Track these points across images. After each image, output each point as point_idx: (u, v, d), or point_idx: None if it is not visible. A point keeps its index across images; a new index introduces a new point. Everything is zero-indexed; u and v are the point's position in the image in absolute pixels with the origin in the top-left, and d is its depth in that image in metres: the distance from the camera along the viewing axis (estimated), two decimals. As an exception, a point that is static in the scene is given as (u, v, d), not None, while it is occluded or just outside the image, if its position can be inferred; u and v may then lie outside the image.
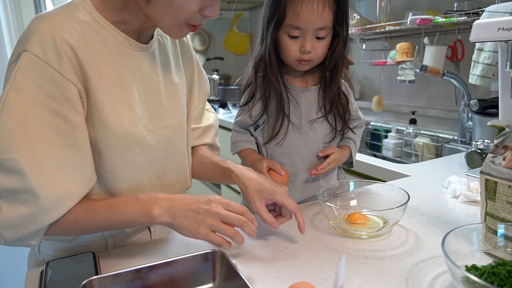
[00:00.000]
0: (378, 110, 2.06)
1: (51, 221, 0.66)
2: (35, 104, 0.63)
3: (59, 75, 0.64)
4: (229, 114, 2.59)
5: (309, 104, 0.97)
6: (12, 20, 2.26)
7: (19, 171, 0.62)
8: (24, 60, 0.62)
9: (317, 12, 0.85)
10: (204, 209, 0.68)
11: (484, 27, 0.97)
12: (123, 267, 0.69)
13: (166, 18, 0.69)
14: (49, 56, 0.63)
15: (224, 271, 0.66)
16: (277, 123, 0.95)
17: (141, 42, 0.76)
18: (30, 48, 0.62)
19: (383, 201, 0.90)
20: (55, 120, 0.64)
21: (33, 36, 0.63)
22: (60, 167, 0.65)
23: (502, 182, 0.69)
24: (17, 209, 0.63)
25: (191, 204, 0.69)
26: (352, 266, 0.70)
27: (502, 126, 0.75)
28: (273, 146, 0.97)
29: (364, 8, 2.19)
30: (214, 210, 0.68)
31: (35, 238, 0.67)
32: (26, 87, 0.62)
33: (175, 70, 0.85)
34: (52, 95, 0.64)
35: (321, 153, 0.96)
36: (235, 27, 3.35)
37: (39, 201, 0.63)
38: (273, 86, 0.94)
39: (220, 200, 0.70)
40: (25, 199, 0.63)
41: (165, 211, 0.69)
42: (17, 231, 0.64)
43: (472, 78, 1.42)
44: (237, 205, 0.71)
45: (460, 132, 1.64)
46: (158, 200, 0.69)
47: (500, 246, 0.67)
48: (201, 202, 0.69)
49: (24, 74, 0.62)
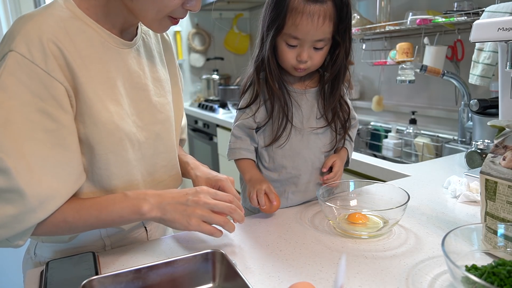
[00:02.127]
0: (378, 110, 2.06)
1: (38, 221, 0.65)
2: (21, 103, 0.62)
3: (45, 74, 0.64)
4: (229, 114, 2.59)
5: (309, 106, 0.97)
6: (12, 20, 2.26)
7: (5, 171, 0.61)
8: (10, 60, 0.62)
9: (317, 24, 0.84)
10: (193, 201, 0.70)
11: (484, 27, 0.97)
12: (123, 267, 0.69)
13: (149, 11, 0.69)
14: (35, 55, 0.63)
15: (224, 271, 0.66)
16: (280, 127, 0.94)
17: (125, 39, 0.76)
18: (16, 48, 0.62)
19: (383, 201, 0.90)
20: (42, 119, 0.64)
21: (18, 35, 0.63)
22: (47, 166, 0.65)
23: (502, 182, 0.69)
24: (4, 208, 0.62)
25: (180, 197, 0.71)
26: (352, 266, 0.70)
27: (502, 126, 0.75)
28: (275, 149, 0.97)
29: (364, 8, 2.19)
30: (202, 201, 0.70)
31: (22, 238, 0.67)
32: (12, 86, 0.62)
33: (160, 67, 0.86)
34: (38, 94, 0.64)
35: (324, 169, 0.97)
36: (235, 27, 3.35)
37: (26, 201, 0.63)
38: (276, 91, 0.93)
39: (207, 190, 0.72)
40: (12, 198, 0.62)
41: (155, 207, 0.70)
42: (4, 231, 0.64)
43: (472, 78, 1.42)
44: (224, 194, 0.74)
45: (460, 132, 1.64)
46: (147, 196, 0.70)
47: (500, 246, 0.67)
48: (189, 194, 0.71)
49: (10, 73, 0.62)
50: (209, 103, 2.88)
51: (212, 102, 2.94)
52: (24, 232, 0.66)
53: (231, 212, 0.72)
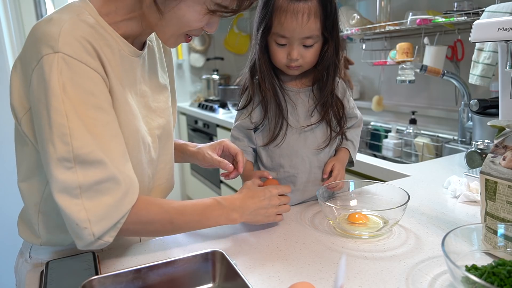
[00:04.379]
0: (378, 110, 2.06)
1: (132, 204, 0.68)
2: (79, 103, 0.64)
3: (92, 71, 0.66)
4: (229, 114, 2.59)
5: (305, 105, 0.97)
6: (12, 20, 2.26)
7: (100, 161, 0.64)
8: (59, 62, 0.63)
9: (302, 22, 0.85)
10: (270, 204, 0.84)
11: (484, 27, 0.97)
12: (123, 267, 0.69)
13: (171, 28, 0.72)
14: (80, 55, 0.64)
15: (224, 271, 0.66)
16: (276, 126, 0.95)
17: (135, 47, 0.77)
18: (62, 49, 0.63)
19: (383, 201, 0.90)
20: (98, 115, 0.66)
21: (60, 37, 0.63)
22: (117, 155, 0.68)
23: (502, 182, 0.69)
24: (102, 200, 0.65)
25: (260, 202, 0.83)
26: (352, 266, 0.70)
27: (502, 126, 0.75)
28: (273, 148, 0.98)
29: (364, 8, 2.19)
30: (274, 203, 0.85)
31: (111, 234, 0.68)
32: (67, 87, 0.63)
33: (161, 74, 0.88)
34: (91, 91, 0.65)
35: (325, 175, 0.98)
36: (235, 27, 3.35)
37: (121, 186, 0.66)
38: (269, 91, 0.94)
39: (276, 192, 0.86)
40: (108, 187, 0.65)
41: (243, 215, 0.81)
42: (105, 223, 0.65)
43: (472, 78, 1.42)
44: (282, 189, 0.87)
45: (460, 132, 1.64)
46: (235, 206, 0.81)
47: (500, 246, 0.67)
48: (267, 199, 0.84)
49: (63, 74, 0.63)
50: (209, 103, 2.88)
51: (212, 102, 2.94)
52: (117, 224, 0.67)
53: (287, 201, 0.88)
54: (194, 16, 0.69)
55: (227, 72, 3.39)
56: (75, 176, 0.63)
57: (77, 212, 0.63)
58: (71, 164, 0.63)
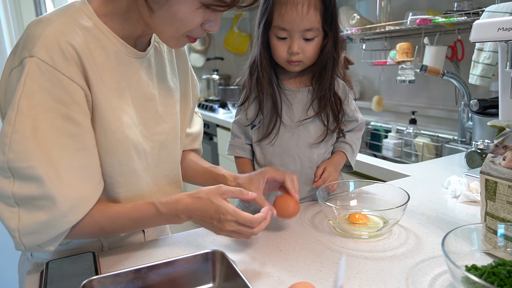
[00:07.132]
0: (378, 110, 2.06)
1: (70, 225, 0.67)
2: (46, 110, 0.63)
3: (67, 79, 0.64)
4: (229, 114, 2.59)
5: (302, 104, 0.97)
6: (12, 20, 2.26)
7: (38, 178, 0.62)
8: (31, 66, 0.62)
9: (302, 13, 0.85)
10: (218, 226, 0.71)
11: (484, 27, 0.97)
12: (123, 267, 0.69)
13: (167, 29, 0.70)
14: (56, 61, 0.63)
15: (224, 271, 0.66)
16: (270, 123, 0.96)
17: (137, 48, 0.76)
18: (37, 54, 0.62)
19: (383, 201, 0.90)
20: (66, 125, 0.65)
21: (39, 41, 0.63)
22: (74, 171, 0.66)
23: (502, 182, 0.69)
24: (36, 215, 0.64)
25: (206, 218, 0.72)
26: (352, 266, 0.70)
27: (502, 126, 0.75)
28: (266, 145, 0.98)
29: (364, 8, 2.19)
30: (227, 228, 0.71)
31: (53, 244, 0.68)
32: (36, 93, 0.62)
33: (170, 76, 0.85)
34: (61, 100, 0.64)
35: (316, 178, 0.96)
36: (235, 27, 3.35)
37: (58, 206, 0.64)
38: (266, 88, 0.94)
39: (231, 218, 0.70)
40: (44, 205, 0.64)
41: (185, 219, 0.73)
42: (37, 237, 0.65)
43: (472, 78, 1.42)
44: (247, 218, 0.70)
45: (460, 132, 1.64)
46: (178, 212, 0.72)
47: (500, 246, 0.67)
48: (214, 219, 0.71)
49: (33, 80, 0.62)
50: (209, 103, 2.88)
51: (212, 102, 2.94)
52: (56, 238, 0.67)
53: (252, 235, 0.73)
54: (187, 13, 0.66)
55: (227, 72, 3.38)
56: (10, 186, 0.62)
57: (8, 219, 0.64)
58: (8, 174, 0.62)
